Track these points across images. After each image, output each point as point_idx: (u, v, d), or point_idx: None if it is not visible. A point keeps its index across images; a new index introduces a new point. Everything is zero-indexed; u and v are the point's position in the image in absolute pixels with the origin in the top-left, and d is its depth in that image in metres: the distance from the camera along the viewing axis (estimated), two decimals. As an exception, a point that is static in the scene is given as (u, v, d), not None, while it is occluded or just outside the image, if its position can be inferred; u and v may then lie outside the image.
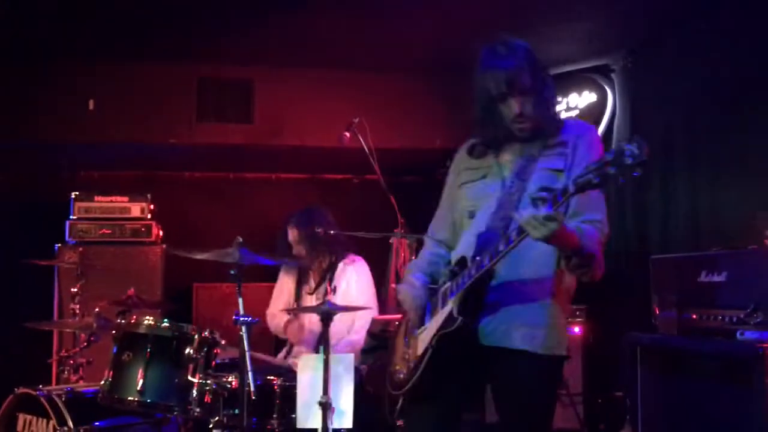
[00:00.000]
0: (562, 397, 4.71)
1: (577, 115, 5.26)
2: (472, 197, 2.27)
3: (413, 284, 2.26)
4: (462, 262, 2.15)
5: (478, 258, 2.05)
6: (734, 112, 3.95)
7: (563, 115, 5.30)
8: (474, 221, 2.23)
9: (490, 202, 2.19)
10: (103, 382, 3.00)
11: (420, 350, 2.17)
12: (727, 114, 4.00)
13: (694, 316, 2.76)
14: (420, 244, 3.45)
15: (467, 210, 2.27)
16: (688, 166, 4.33)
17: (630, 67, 4.97)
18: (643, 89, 4.81)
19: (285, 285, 4.12)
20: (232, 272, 2.80)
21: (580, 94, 5.23)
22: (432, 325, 2.16)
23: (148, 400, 2.90)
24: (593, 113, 5.13)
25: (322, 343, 3.09)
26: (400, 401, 2.30)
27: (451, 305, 2.09)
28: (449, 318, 2.08)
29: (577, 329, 4.80)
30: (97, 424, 3.07)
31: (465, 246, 2.19)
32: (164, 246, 5.07)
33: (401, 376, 2.27)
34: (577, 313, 4.86)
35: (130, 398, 2.91)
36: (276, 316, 4.08)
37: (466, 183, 2.30)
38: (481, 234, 2.12)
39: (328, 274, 3.90)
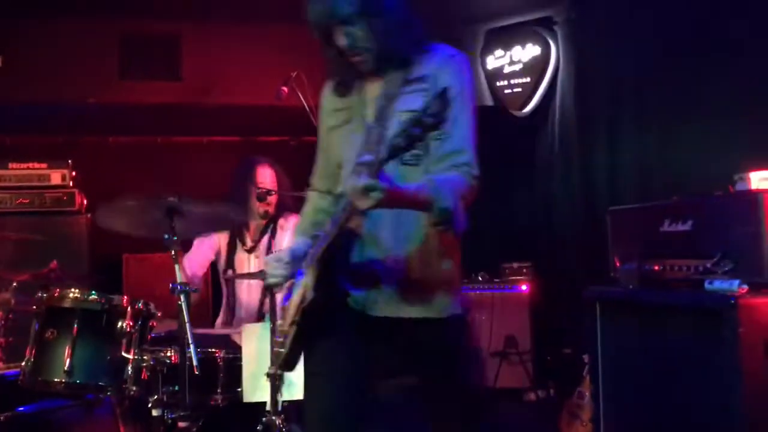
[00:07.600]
0: (511, 356, 4.67)
1: (520, 69, 5.13)
2: (338, 145, 2.00)
3: (280, 258, 1.98)
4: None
5: (325, 230, 1.83)
6: (683, 62, 3.88)
7: (507, 70, 5.19)
8: (343, 175, 1.97)
9: (355, 152, 1.88)
10: (24, 363, 2.71)
11: (287, 324, 1.96)
12: (677, 65, 3.92)
13: (657, 267, 2.66)
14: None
15: (335, 161, 2.01)
16: (636, 118, 4.27)
17: (574, 18, 4.87)
18: (588, 41, 4.71)
19: (213, 238, 3.69)
20: (166, 236, 2.54)
21: (523, 47, 5.11)
22: (295, 298, 1.94)
23: (77, 381, 2.64)
24: (537, 67, 5.02)
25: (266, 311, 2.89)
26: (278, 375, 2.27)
27: (308, 278, 1.88)
28: (305, 292, 1.88)
29: (524, 287, 4.75)
30: (20, 409, 2.78)
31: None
32: (89, 215, 4.75)
33: (275, 348, 2.16)
34: (524, 270, 4.81)
35: (56, 380, 2.64)
36: (193, 264, 3.64)
37: (333, 128, 2.02)
38: (339, 194, 1.89)
39: (267, 232, 3.64)
